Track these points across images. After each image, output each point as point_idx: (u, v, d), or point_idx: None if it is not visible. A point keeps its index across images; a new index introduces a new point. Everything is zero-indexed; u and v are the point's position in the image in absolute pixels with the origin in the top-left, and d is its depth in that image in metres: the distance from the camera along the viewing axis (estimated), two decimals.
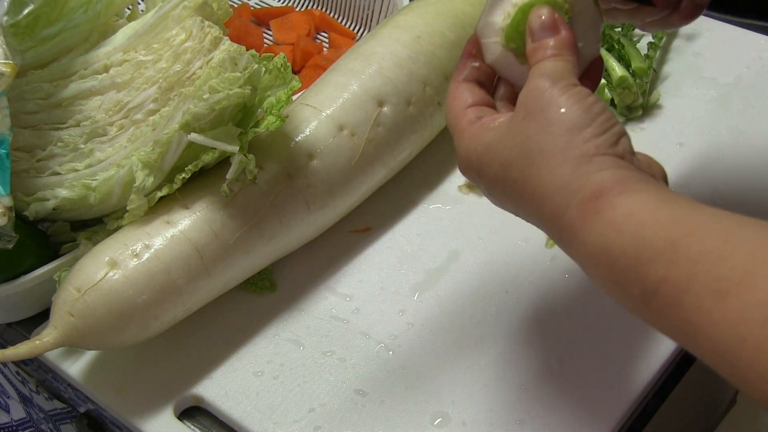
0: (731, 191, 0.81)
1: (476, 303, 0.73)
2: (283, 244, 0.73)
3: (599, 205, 0.47)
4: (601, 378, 0.67)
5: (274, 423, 0.66)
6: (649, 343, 0.68)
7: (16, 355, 0.62)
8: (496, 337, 0.70)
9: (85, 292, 0.64)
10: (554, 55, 0.53)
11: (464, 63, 0.59)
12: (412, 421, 0.65)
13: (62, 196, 0.71)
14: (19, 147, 0.73)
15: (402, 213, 0.82)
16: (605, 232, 0.46)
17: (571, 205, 0.48)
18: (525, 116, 0.52)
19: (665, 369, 0.68)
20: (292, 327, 0.73)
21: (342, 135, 0.75)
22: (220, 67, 0.69)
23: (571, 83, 0.52)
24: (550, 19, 0.54)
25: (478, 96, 0.58)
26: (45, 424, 0.86)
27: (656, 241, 0.44)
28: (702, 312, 0.41)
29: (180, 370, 0.70)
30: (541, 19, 0.54)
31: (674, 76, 0.94)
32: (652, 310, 0.45)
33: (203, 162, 0.69)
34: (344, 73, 0.79)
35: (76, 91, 0.75)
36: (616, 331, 0.70)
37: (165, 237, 0.67)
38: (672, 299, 0.43)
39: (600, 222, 0.47)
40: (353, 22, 1.07)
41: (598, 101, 0.51)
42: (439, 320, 0.72)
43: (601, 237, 0.47)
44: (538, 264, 0.75)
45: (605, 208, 0.47)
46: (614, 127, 0.51)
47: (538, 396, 0.66)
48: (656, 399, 0.68)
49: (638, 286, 0.45)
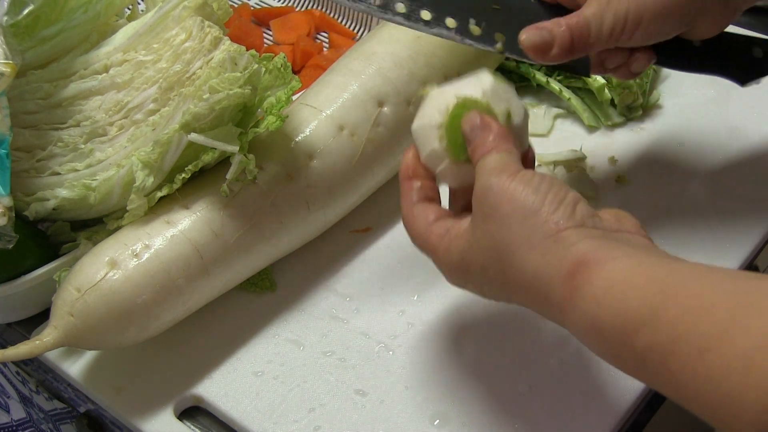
0: (731, 191, 0.81)
1: (476, 303, 0.73)
2: (283, 244, 0.73)
3: (578, 283, 0.48)
4: (601, 378, 0.67)
5: (274, 423, 0.66)
6: None
7: (16, 355, 0.62)
8: (496, 337, 0.70)
9: (85, 292, 0.64)
10: (493, 148, 0.55)
11: (408, 186, 0.60)
12: (412, 421, 0.65)
13: (62, 196, 0.71)
14: (19, 147, 0.73)
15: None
16: (589, 309, 0.48)
17: (551, 289, 0.50)
18: (483, 218, 0.53)
19: None
20: (292, 327, 0.73)
21: (342, 135, 0.75)
22: (220, 67, 0.69)
23: (513, 171, 0.53)
24: (481, 120, 0.56)
25: (436, 211, 0.59)
26: (45, 424, 0.86)
27: (638, 309, 0.45)
28: (688, 370, 0.42)
29: (180, 370, 0.70)
30: (472, 122, 0.57)
31: (674, 76, 0.93)
32: (647, 375, 0.46)
33: (203, 162, 0.69)
34: (344, 73, 0.79)
35: (76, 91, 0.75)
36: None
37: (165, 237, 0.67)
38: (660, 364, 0.44)
39: (582, 300, 0.48)
40: (353, 22, 1.07)
41: (543, 179, 0.52)
42: (439, 320, 0.72)
43: (587, 314, 0.48)
44: None
45: (584, 285, 0.48)
46: (566, 197, 0.52)
47: (537, 396, 0.66)
48: (656, 399, 0.68)
49: (629, 355, 0.46)
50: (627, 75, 0.68)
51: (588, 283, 0.48)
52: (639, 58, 0.66)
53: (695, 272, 0.45)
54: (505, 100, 0.58)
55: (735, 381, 0.40)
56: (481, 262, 0.54)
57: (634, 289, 0.46)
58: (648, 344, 0.44)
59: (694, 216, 0.78)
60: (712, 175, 0.82)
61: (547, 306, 0.51)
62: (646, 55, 0.65)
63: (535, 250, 0.50)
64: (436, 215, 0.59)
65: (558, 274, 0.49)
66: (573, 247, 0.49)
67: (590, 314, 0.47)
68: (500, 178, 0.53)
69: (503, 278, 0.53)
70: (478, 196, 0.54)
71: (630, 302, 0.45)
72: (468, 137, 0.57)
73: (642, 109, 0.89)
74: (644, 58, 0.66)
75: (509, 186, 0.52)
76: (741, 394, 0.40)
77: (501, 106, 0.58)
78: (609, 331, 0.46)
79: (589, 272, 0.48)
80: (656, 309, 0.44)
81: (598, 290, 0.47)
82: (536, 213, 0.51)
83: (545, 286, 0.50)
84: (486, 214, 0.53)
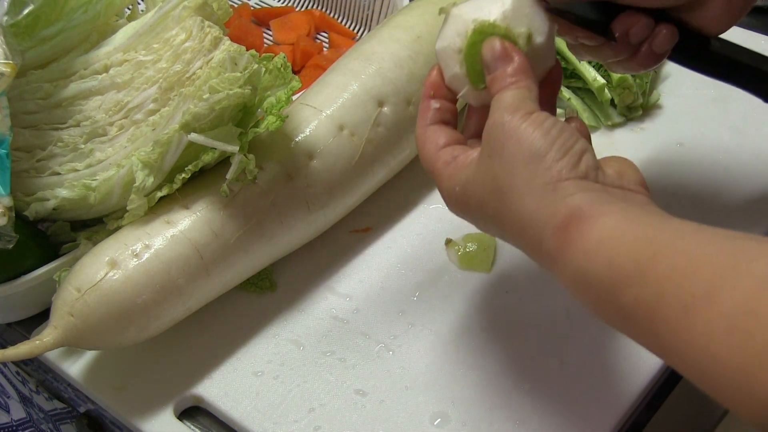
0: (731, 191, 0.81)
1: (476, 303, 0.73)
2: (283, 244, 0.73)
3: (570, 236, 0.48)
4: (601, 378, 0.67)
5: (274, 423, 0.66)
6: None
7: (16, 355, 0.62)
8: (496, 336, 0.70)
9: (85, 292, 0.64)
10: (511, 83, 0.55)
11: (426, 106, 0.60)
12: (412, 421, 0.65)
13: (62, 196, 0.71)
14: (19, 147, 0.73)
15: (402, 213, 0.82)
16: (579, 262, 0.48)
17: (544, 238, 0.50)
18: (490, 154, 0.53)
19: (665, 369, 0.68)
20: (292, 327, 0.73)
21: (342, 135, 0.75)
22: (220, 67, 0.69)
23: (528, 111, 0.53)
24: (501, 49, 0.56)
25: (448, 135, 0.59)
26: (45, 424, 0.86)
27: (626, 265, 0.45)
28: (671, 328, 0.42)
29: (180, 370, 0.70)
30: (493, 50, 0.56)
31: (674, 76, 0.94)
32: (633, 331, 0.46)
33: (203, 162, 0.69)
34: (344, 73, 0.79)
35: (76, 91, 0.75)
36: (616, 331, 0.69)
37: (165, 237, 0.67)
38: (645, 319, 0.44)
39: (573, 252, 0.48)
40: (353, 22, 1.07)
41: (555, 124, 0.52)
42: (439, 320, 0.72)
43: (577, 266, 0.48)
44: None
45: (576, 238, 0.48)
46: (575, 146, 0.51)
47: (538, 396, 0.66)
48: (657, 399, 0.68)
49: (616, 309, 0.46)
50: (650, 57, 0.66)
51: (579, 237, 0.48)
52: (662, 33, 0.65)
53: (686, 230, 0.45)
54: (527, 18, 0.57)
55: (717, 341, 0.40)
56: (480, 196, 0.54)
57: (624, 245, 0.46)
58: (634, 299, 0.44)
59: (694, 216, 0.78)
60: (712, 175, 0.82)
61: (539, 253, 0.51)
62: (669, 31, 0.64)
63: (532, 196, 0.50)
64: (447, 140, 0.59)
65: (550, 223, 0.49)
66: (569, 198, 0.49)
67: (580, 267, 0.48)
68: (513, 116, 0.52)
69: (500, 218, 0.53)
70: (488, 131, 0.54)
71: (619, 258, 0.46)
72: (488, 66, 0.56)
73: (642, 109, 0.89)
74: (668, 33, 0.64)
75: (520, 126, 0.52)
76: (722, 355, 0.40)
77: (521, 28, 0.57)
78: (597, 285, 0.47)
79: (581, 226, 0.48)
80: (644, 265, 0.44)
81: (589, 244, 0.47)
82: (541, 158, 0.51)
83: (538, 233, 0.50)
84: (493, 150, 0.53)
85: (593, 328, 0.70)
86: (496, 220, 0.54)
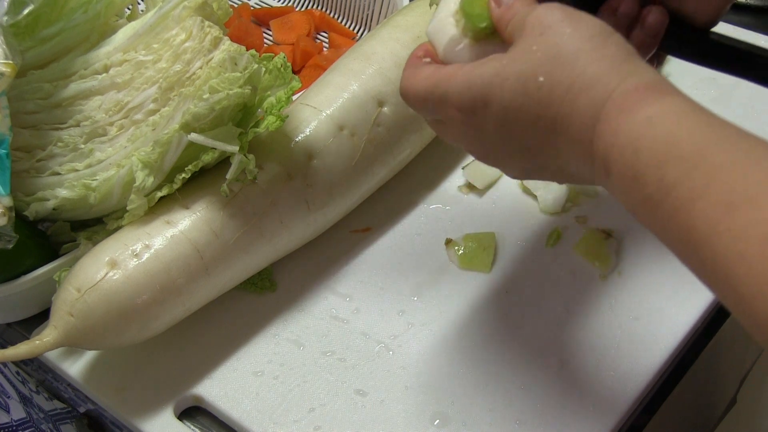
0: None
1: (477, 304, 0.73)
2: (283, 244, 0.73)
3: (641, 99, 0.47)
4: (601, 378, 0.67)
5: (274, 423, 0.66)
6: (650, 344, 0.68)
7: (16, 355, 0.62)
8: (496, 336, 0.70)
9: (85, 292, 0.64)
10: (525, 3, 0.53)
11: (415, 61, 0.58)
12: (412, 421, 0.65)
13: (62, 196, 0.71)
14: (19, 147, 0.73)
15: (402, 213, 0.82)
16: (639, 125, 0.47)
17: (612, 95, 0.48)
18: (542, 32, 0.51)
19: (665, 369, 0.68)
20: (292, 327, 0.73)
21: (342, 135, 0.75)
22: (220, 67, 0.69)
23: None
24: None
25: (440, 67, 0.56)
26: (45, 424, 0.86)
27: (684, 144, 0.44)
28: (709, 221, 0.42)
29: (180, 370, 0.70)
30: None
31: (674, 76, 0.93)
32: (662, 213, 0.45)
33: (203, 162, 0.69)
34: (344, 73, 0.79)
35: (76, 91, 0.75)
36: (616, 331, 0.70)
37: (165, 237, 0.67)
38: (683, 204, 0.43)
39: (638, 113, 0.47)
40: (353, 22, 1.07)
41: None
42: (439, 320, 0.72)
43: (635, 129, 0.47)
44: (538, 264, 0.75)
45: (645, 103, 0.47)
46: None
47: (538, 396, 0.66)
48: (656, 399, 0.69)
49: (654, 184, 0.45)
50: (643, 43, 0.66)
51: (648, 104, 0.47)
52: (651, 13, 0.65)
53: (749, 132, 0.45)
54: None
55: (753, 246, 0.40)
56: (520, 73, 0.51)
57: (688, 123, 0.45)
58: (679, 179, 0.43)
59: None
60: None
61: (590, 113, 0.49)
62: (658, 10, 0.64)
63: (604, 60, 0.49)
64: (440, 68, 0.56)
65: (622, 85, 0.48)
66: (643, 71, 0.49)
67: (637, 130, 0.46)
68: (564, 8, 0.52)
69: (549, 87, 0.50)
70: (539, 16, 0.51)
71: (680, 132, 0.45)
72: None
73: None
74: (657, 13, 0.64)
75: (575, 12, 0.51)
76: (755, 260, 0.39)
77: None
78: (647, 151, 0.46)
79: (655, 95, 0.47)
80: (702, 150, 0.44)
81: (656, 112, 0.46)
82: (611, 33, 0.50)
83: (604, 91, 0.48)
84: (549, 26, 0.51)
85: (593, 328, 0.70)
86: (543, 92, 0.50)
